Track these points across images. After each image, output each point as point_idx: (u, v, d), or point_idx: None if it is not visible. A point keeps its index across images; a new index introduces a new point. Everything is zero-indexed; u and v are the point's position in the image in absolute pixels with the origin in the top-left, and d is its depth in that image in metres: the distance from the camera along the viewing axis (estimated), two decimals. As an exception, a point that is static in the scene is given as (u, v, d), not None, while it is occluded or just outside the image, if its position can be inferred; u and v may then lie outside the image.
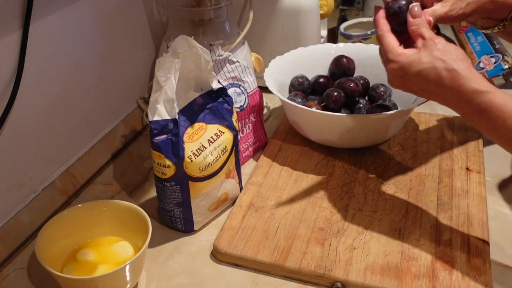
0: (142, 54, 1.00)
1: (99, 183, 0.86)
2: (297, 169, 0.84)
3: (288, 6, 1.01)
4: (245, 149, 0.88)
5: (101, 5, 0.84)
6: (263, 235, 0.71)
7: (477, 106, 0.59)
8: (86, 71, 0.84)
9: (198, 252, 0.71)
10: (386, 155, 0.87)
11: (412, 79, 0.63)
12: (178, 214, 0.72)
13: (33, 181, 0.76)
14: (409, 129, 0.93)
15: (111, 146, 0.91)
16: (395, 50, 0.64)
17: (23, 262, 0.70)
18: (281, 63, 0.94)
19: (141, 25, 0.98)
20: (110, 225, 0.68)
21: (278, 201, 0.77)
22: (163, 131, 0.67)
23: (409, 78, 0.63)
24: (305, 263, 0.66)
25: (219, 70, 0.83)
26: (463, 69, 0.60)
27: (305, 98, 0.91)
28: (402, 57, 0.63)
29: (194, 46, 0.67)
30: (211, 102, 0.73)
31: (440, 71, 0.60)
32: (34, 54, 0.71)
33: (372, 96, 0.93)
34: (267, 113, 1.02)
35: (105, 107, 0.90)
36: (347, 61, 0.95)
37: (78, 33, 0.80)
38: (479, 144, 0.88)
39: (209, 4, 0.86)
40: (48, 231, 0.64)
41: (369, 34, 1.13)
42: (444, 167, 0.83)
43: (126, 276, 0.61)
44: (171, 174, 0.68)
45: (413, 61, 0.62)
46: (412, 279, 0.63)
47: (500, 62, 1.11)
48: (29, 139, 0.74)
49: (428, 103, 0.94)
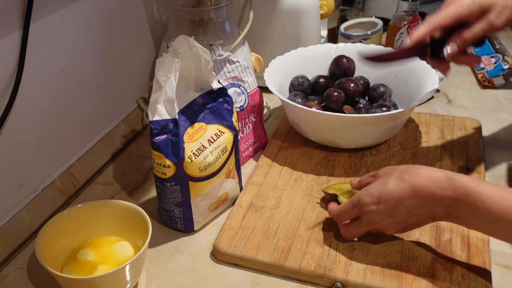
0: (142, 54, 1.00)
1: (99, 183, 0.86)
2: (297, 169, 0.84)
3: (288, 6, 1.01)
4: (245, 149, 0.88)
5: (101, 5, 0.84)
6: (263, 235, 0.71)
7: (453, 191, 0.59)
8: (86, 71, 0.84)
9: (198, 252, 0.71)
10: (386, 155, 0.87)
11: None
12: (178, 214, 0.72)
13: (33, 181, 0.76)
14: (409, 129, 0.93)
15: (111, 146, 0.91)
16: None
17: (23, 262, 0.70)
18: (281, 63, 0.94)
19: (141, 25, 0.98)
20: (110, 225, 0.68)
21: (278, 201, 0.77)
22: (163, 131, 0.67)
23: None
24: (305, 263, 0.66)
25: (219, 70, 0.83)
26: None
27: (305, 98, 0.91)
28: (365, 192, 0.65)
29: (194, 46, 0.67)
30: (211, 102, 0.73)
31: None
32: (34, 54, 0.71)
33: (372, 96, 0.93)
34: (267, 113, 1.02)
35: (105, 107, 0.90)
36: (347, 61, 0.95)
37: (78, 33, 0.80)
38: (479, 144, 0.88)
39: (209, 4, 0.86)
40: (48, 231, 0.64)
41: (369, 34, 1.14)
42: (444, 167, 0.83)
43: (126, 276, 0.61)
44: (171, 174, 0.68)
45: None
46: (412, 279, 0.63)
47: (500, 62, 1.11)
48: (29, 139, 0.74)
49: (428, 103, 0.94)
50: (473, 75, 1.14)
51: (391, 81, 0.95)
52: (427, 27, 0.69)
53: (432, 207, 0.61)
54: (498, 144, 0.91)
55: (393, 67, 0.95)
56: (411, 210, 0.62)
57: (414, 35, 0.70)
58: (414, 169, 0.63)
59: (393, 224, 0.64)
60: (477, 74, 1.13)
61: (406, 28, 1.06)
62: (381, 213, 0.63)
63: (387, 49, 0.87)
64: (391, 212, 0.63)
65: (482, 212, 0.57)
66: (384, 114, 0.80)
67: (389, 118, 0.82)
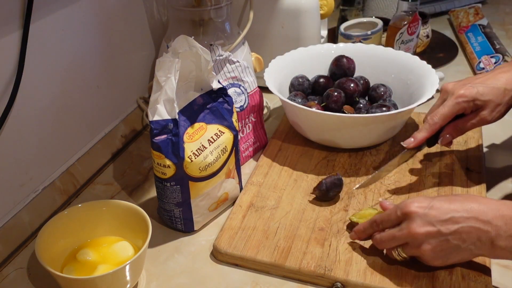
0: (142, 54, 1.00)
1: (99, 183, 0.86)
2: (297, 169, 0.84)
3: (288, 6, 1.01)
4: (245, 149, 0.88)
5: (101, 5, 0.84)
6: (263, 235, 0.71)
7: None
8: (86, 71, 0.84)
9: (198, 252, 0.71)
10: (386, 155, 0.87)
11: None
12: (178, 214, 0.72)
13: (33, 181, 0.76)
14: (409, 129, 0.93)
15: (111, 146, 0.91)
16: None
17: (23, 262, 0.70)
18: (281, 63, 0.94)
19: (141, 25, 0.98)
20: (110, 225, 0.68)
21: (278, 201, 0.77)
22: (163, 131, 0.67)
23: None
24: (305, 263, 0.66)
25: (219, 70, 0.83)
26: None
27: (305, 98, 0.91)
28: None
29: (194, 46, 0.67)
30: (211, 102, 0.73)
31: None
32: (34, 54, 0.71)
33: (372, 96, 0.93)
34: (267, 113, 1.02)
35: (105, 107, 0.90)
36: (347, 61, 0.95)
37: (78, 33, 0.80)
38: (479, 144, 0.88)
39: (209, 4, 0.86)
40: (48, 231, 0.64)
41: (369, 34, 1.13)
42: (444, 167, 0.83)
43: (126, 276, 0.61)
44: (171, 174, 0.68)
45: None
46: (412, 279, 0.63)
47: (500, 62, 1.11)
48: (29, 139, 0.74)
49: (428, 103, 0.94)
50: (473, 75, 1.14)
51: (391, 81, 0.95)
52: (429, 130, 0.74)
53: (483, 225, 0.57)
54: (498, 144, 0.91)
55: (393, 67, 0.95)
56: (459, 223, 0.58)
57: (418, 138, 0.75)
58: (464, 194, 0.63)
59: (434, 236, 0.59)
60: (477, 74, 1.13)
61: (406, 28, 1.06)
62: (426, 218, 0.59)
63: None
64: (437, 221, 0.58)
65: None
66: (384, 114, 0.80)
67: (389, 118, 0.82)
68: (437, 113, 0.73)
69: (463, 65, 1.19)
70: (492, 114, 0.72)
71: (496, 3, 1.53)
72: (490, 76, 0.73)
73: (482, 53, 1.17)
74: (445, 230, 0.58)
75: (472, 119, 0.73)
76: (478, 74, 0.75)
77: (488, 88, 0.71)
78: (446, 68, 1.18)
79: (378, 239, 0.64)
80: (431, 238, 0.59)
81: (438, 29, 1.35)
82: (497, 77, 0.72)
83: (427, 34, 1.21)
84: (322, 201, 0.75)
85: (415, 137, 0.75)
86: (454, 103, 0.72)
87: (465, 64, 1.19)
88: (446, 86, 0.75)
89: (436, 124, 0.74)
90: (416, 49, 1.14)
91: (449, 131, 0.75)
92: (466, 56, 1.22)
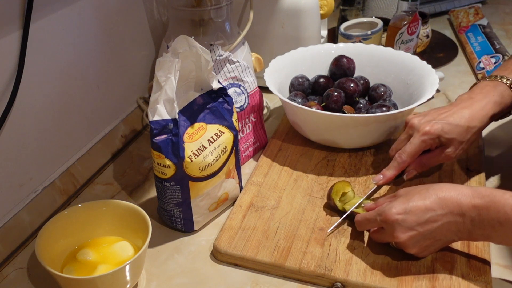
0: (142, 54, 1.00)
1: (99, 183, 0.86)
2: (297, 169, 0.84)
3: (288, 6, 1.01)
4: (245, 149, 0.88)
5: (101, 5, 0.84)
6: (263, 235, 0.71)
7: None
8: (86, 71, 0.84)
9: (198, 252, 0.71)
10: (386, 155, 0.86)
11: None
12: (178, 214, 0.72)
13: (33, 180, 0.76)
14: (409, 129, 0.93)
15: (111, 146, 0.91)
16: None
17: (23, 262, 0.70)
18: (281, 63, 0.94)
19: (141, 25, 0.98)
20: (110, 225, 0.68)
21: (278, 201, 0.77)
22: (163, 131, 0.67)
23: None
24: (305, 263, 0.66)
25: (219, 70, 0.83)
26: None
27: (305, 98, 0.91)
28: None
29: (194, 46, 0.67)
30: (211, 102, 0.73)
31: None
32: (34, 54, 0.71)
33: (372, 96, 0.93)
34: (267, 113, 1.02)
35: (105, 107, 0.90)
36: (347, 61, 0.95)
37: (78, 33, 0.80)
38: (479, 144, 0.88)
39: (209, 4, 0.86)
40: (48, 231, 0.64)
41: (369, 34, 1.13)
42: (444, 167, 0.83)
43: (126, 276, 0.61)
44: (171, 174, 0.68)
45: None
46: (412, 279, 0.63)
47: (500, 62, 1.11)
48: (29, 139, 0.74)
49: (428, 103, 0.94)
50: (473, 75, 1.14)
51: (391, 81, 0.95)
52: (398, 168, 0.76)
53: (459, 218, 0.60)
54: (498, 144, 0.91)
55: (393, 67, 0.95)
56: (437, 221, 0.61)
57: (387, 176, 0.76)
58: (437, 185, 0.64)
59: (417, 239, 0.63)
60: (477, 74, 1.13)
61: (406, 28, 1.07)
62: (406, 224, 0.62)
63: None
64: (417, 224, 0.62)
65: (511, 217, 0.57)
66: (384, 114, 0.80)
67: (389, 118, 0.82)
68: (405, 151, 0.75)
69: (463, 65, 1.19)
70: (456, 152, 0.74)
71: (496, 3, 1.53)
72: (454, 111, 0.74)
73: (482, 53, 1.17)
74: (427, 231, 0.62)
75: (437, 156, 0.75)
76: (440, 108, 0.77)
77: (452, 126, 0.73)
78: (446, 68, 1.18)
79: (373, 236, 0.68)
80: (415, 241, 0.63)
81: (438, 29, 1.35)
82: (460, 113, 0.74)
83: (427, 34, 1.21)
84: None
85: (384, 175, 0.77)
86: (420, 141, 0.73)
87: (465, 64, 1.19)
88: (412, 121, 0.76)
89: (405, 162, 0.75)
90: (416, 49, 1.14)
91: (414, 166, 0.76)
92: (466, 56, 1.22)
